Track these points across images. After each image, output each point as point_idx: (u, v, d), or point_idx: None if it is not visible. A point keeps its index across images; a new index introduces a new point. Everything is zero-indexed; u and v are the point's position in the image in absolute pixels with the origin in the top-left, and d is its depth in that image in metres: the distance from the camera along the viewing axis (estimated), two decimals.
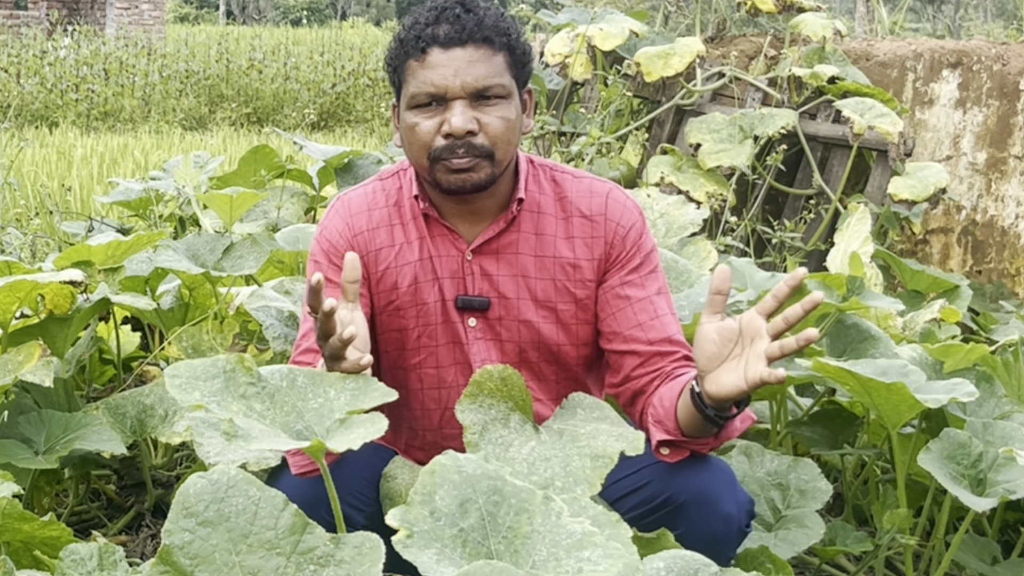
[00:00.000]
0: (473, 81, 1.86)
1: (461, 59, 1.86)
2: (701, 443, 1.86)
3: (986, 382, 2.60)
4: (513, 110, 1.90)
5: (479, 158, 1.87)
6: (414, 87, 1.88)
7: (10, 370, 2.44)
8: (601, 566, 1.33)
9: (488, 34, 1.87)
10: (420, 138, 1.88)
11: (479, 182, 1.89)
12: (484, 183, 1.90)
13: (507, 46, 1.90)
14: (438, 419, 2.04)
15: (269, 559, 1.42)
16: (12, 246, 4.14)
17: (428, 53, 1.87)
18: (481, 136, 1.87)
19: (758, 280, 2.85)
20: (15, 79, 12.23)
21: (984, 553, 2.50)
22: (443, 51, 1.86)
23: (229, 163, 7.02)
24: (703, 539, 1.74)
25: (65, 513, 2.72)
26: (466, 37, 1.86)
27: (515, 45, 1.91)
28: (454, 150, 1.86)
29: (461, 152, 1.86)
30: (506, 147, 1.90)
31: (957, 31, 23.86)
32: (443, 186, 1.91)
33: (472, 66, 1.86)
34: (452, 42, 1.86)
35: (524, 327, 1.99)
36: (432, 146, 1.88)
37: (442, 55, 1.86)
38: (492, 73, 1.87)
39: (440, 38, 1.86)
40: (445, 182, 1.89)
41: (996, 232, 4.68)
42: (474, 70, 1.86)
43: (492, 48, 1.88)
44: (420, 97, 1.88)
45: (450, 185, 1.90)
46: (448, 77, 1.85)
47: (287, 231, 3.26)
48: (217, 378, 1.60)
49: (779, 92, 4.55)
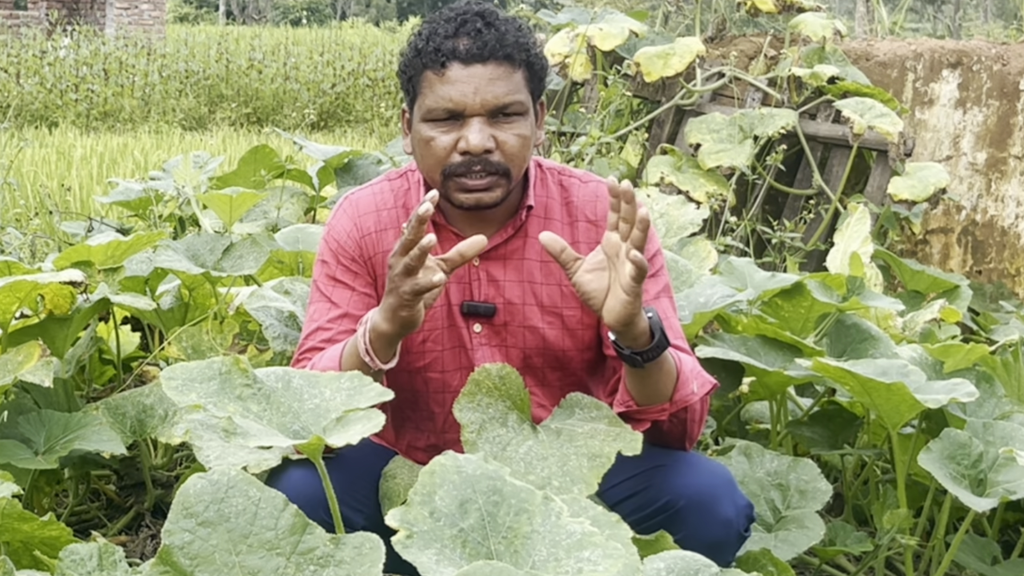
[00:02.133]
0: (493, 99, 1.85)
1: (482, 76, 1.85)
2: (658, 409, 1.86)
3: (986, 382, 2.60)
4: (529, 126, 1.90)
5: (495, 176, 1.86)
6: (431, 101, 1.87)
7: (10, 370, 2.44)
8: (601, 566, 1.33)
9: (509, 51, 1.86)
10: (435, 153, 1.88)
11: (493, 201, 1.89)
12: (499, 202, 1.90)
13: (526, 62, 1.89)
14: (442, 422, 2.03)
15: (269, 559, 1.42)
16: (12, 246, 4.14)
17: (448, 68, 1.85)
18: (497, 154, 1.86)
19: (758, 280, 2.85)
20: (15, 79, 12.23)
21: (984, 553, 2.50)
22: (463, 67, 1.85)
23: (229, 163, 7.01)
24: (702, 544, 1.73)
25: (65, 513, 2.72)
26: (487, 54, 1.85)
27: (533, 61, 1.90)
28: (470, 167, 1.85)
29: (477, 170, 1.85)
30: (521, 164, 1.90)
31: (957, 31, 23.86)
32: (455, 203, 1.90)
33: (492, 84, 1.85)
34: (473, 58, 1.85)
35: (530, 333, 1.98)
36: (447, 162, 1.87)
37: (462, 71, 1.85)
38: (511, 90, 1.86)
39: (461, 53, 1.85)
40: (457, 200, 1.89)
41: (996, 232, 4.68)
42: (494, 88, 1.85)
43: (512, 65, 1.87)
44: (437, 112, 1.86)
45: (463, 203, 1.89)
46: (468, 94, 1.84)
47: (287, 231, 3.26)
48: (213, 380, 1.60)
49: (779, 92, 4.55)
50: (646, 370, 1.80)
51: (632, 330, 1.75)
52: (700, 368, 1.94)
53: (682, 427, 1.91)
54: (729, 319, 2.80)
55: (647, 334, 1.76)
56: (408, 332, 1.78)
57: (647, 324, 1.76)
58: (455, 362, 1.99)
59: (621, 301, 1.71)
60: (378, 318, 1.76)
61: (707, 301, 2.61)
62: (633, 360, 1.78)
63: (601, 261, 1.75)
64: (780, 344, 2.64)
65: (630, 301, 1.70)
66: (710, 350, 2.52)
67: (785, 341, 2.64)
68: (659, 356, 1.79)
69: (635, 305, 1.71)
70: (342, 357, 1.83)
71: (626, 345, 1.78)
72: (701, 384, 1.89)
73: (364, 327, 1.79)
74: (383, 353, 1.79)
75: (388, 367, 1.81)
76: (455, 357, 1.99)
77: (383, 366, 1.80)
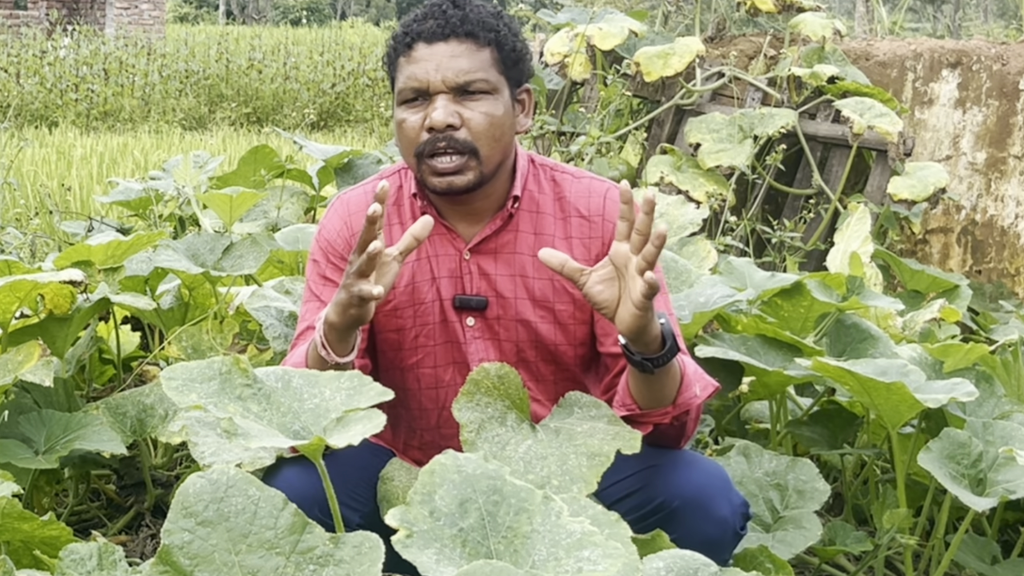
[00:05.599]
0: (454, 76, 1.87)
1: (443, 53, 1.87)
2: (660, 413, 1.85)
3: (986, 382, 2.60)
4: (500, 106, 1.90)
5: (463, 155, 1.87)
6: (401, 82, 1.91)
7: (10, 370, 2.44)
8: (601, 566, 1.33)
9: (472, 29, 1.88)
10: (407, 134, 1.90)
11: (466, 185, 1.89)
12: (472, 185, 1.90)
13: (494, 41, 1.90)
14: (436, 419, 2.03)
15: (268, 559, 1.42)
16: (12, 246, 4.15)
17: (413, 48, 1.89)
18: (464, 131, 1.87)
19: (758, 280, 2.85)
20: (15, 79, 12.22)
21: (984, 553, 2.50)
22: (427, 46, 1.88)
23: (229, 163, 7.01)
24: (698, 542, 1.73)
25: (65, 513, 2.72)
26: (449, 31, 1.88)
27: (504, 41, 1.91)
28: (436, 144, 1.87)
29: (443, 147, 1.86)
30: (491, 144, 1.89)
31: (957, 31, 23.85)
32: (430, 187, 1.91)
33: (454, 60, 1.87)
34: (435, 36, 1.88)
35: (522, 326, 1.98)
36: (418, 142, 1.89)
37: (426, 49, 1.88)
38: (474, 67, 1.88)
39: (424, 33, 1.89)
40: (431, 184, 1.90)
41: (996, 232, 4.68)
42: (455, 64, 1.87)
43: (476, 43, 1.89)
44: (406, 92, 1.90)
45: (435, 187, 1.90)
46: (430, 71, 1.87)
47: (287, 231, 3.26)
48: (213, 380, 1.60)
49: (779, 92, 4.55)
50: (655, 375, 1.80)
51: (644, 337, 1.74)
52: (702, 371, 1.93)
53: (681, 429, 1.91)
54: (729, 319, 2.80)
55: (659, 340, 1.75)
56: (357, 327, 1.79)
57: (659, 331, 1.75)
58: (448, 357, 2.00)
59: (633, 314, 1.70)
60: (330, 311, 1.78)
61: (707, 301, 2.61)
62: (643, 366, 1.77)
63: (610, 271, 1.73)
64: (780, 344, 2.64)
65: (641, 315, 1.69)
66: (710, 350, 2.52)
67: (785, 341, 2.64)
68: (669, 362, 1.78)
69: (646, 317, 1.70)
70: (307, 353, 1.84)
71: (637, 351, 1.77)
72: (703, 387, 1.89)
73: (320, 321, 1.81)
74: (338, 347, 1.79)
75: (345, 360, 1.81)
76: (448, 352, 2.00)
77: (339, 359, 1.80)
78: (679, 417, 1.88)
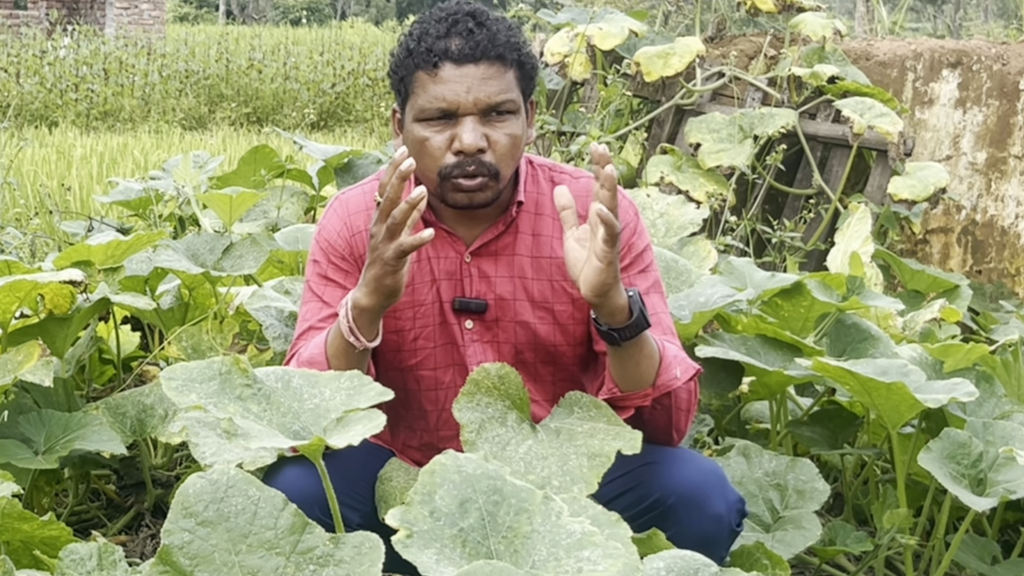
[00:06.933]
0: (486, 98, 1.87)
1: (474, 76, 1.87)
2: (641, 395, 1.87)
3: (986, 382, 2.60)
4: (520, 126, 1.92)
5: (487, 178, 1.88)
6: (424, 101, 1.89)
7: (10, 370, 2.44)
8: (601, 566, 1.33)
9: (501, 51, 1.88)
10: (430, 154, 1.89)
11: (485, 201, 1.91)
12: (490, 201, 1.92)
13: (517, 61, 1.91)
14: (435, 420, 2.03)
15: (268, 559, 1.42)
16: (12, 246, 4.14)
17: (440, 68, 1.87)
18: (489, 154, 1.88)
19: (758, 280, 2.84)
20: (15, 79, 12.22)
21: (984, 553, 2.50)
22: (456, 67, 1.87)
23: (229, 163, 7.01)
24: (694, 540, 1.74)
25: (65, 513, 2.72)
26: (479, 54, 1.87)
27: (524, 60, 1.93)
28: (464, 167, 1.87)
29: (471, 170, 1.87)
30: (510, 164, 1.92)
31: (957, 31, 23.85)
32: (450, 203, 1.92)
33: (485, 83, 1.87)
34: (465, 58, 1.87)
35: (521, 328, 1.99)
36: (442, 163, 1.89)
37: (455, 71, 1.87)
38: (503, 89, 1.88)
39: (453, 53, 1.87)
40: (452, 200, 1.91)
41: (996, 232, 4.68)
42: (487, 87, 1.87)
43: (504, 65, 1.89)
44: (431, 112, 1.88)
45: (457, 203, 1.91)
46: (460, 94, 1.86)
47: (287, 231, 3.26)
48: (213, 380, 1.61)
49: (779, 92, 4.55)
50: (626, 351, 1.82)
51: (608, 303, 1.76)
52: (684, 355, 1.95)
53: (667, 416, 1.92)
54: (729, 319, 2.80)
55: (625, 311, 1.78)
56: (391, 303, 1.81)
57: (625, 300, 1.78)
58: (447, 359, 2.00)
59: (595, 269, 1.73)
60: (359, 294, 1.79)
61: (707, 301, 2.61)
62: (610, 337, 1.80)
63: (586, 231, 1.77)
64: (780, 344, 2.64)
65: (603, 269, 1.72)
66: (710, 350, 2.52)
67: (785, 341, 2.64)
68: (637, 335, 1.80)
69: (608, 274, 1.73)
70: (326, 343, 1.85)
71: (604, 321, 1.79)
72: (685, 369, 1.90)
73: (345, 308, 1.82)
74: (367, 330, 1.81)
75: (373, 344, 1.83)
76: (447, 354, 2.00)
77: (368, 344, 1.82)
78: (661, 400, 1.89)
